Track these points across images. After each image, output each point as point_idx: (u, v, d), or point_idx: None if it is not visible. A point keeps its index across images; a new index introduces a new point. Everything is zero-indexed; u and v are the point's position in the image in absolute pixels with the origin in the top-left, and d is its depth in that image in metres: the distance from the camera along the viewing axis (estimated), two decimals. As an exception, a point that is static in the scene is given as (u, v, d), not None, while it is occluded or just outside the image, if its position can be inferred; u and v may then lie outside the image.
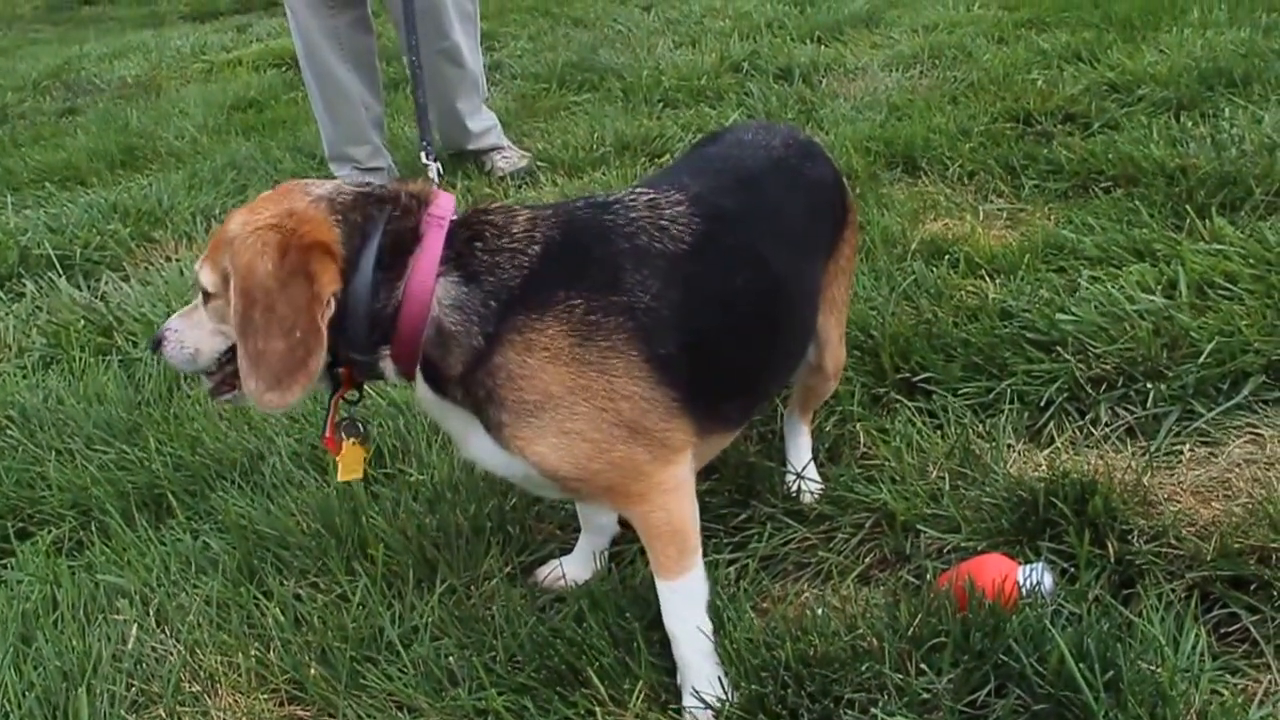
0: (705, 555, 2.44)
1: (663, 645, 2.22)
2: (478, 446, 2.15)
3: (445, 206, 2.12)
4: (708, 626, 2.21)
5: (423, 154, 2.90)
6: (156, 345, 2.23)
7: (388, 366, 2.12)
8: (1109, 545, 2.37)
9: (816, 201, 2.49)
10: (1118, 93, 5.31)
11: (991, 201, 4.33)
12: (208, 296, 2.13)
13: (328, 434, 2.22)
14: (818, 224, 2.49)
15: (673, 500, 2.16)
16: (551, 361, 2.03)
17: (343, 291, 2.03)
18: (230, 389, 2.22)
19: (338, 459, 2.25)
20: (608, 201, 2.23)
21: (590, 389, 2.04)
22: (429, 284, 2.04)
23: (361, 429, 2.26)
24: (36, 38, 12.52)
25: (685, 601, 2.20)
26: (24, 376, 3.84)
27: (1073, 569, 2.35)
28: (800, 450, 2.81)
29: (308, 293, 1.98)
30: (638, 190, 2.28)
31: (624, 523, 2.54)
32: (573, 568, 2.61)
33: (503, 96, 6.90)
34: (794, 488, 2.74)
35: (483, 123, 5.62)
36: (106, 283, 4.58)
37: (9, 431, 3.44)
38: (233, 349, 2.12)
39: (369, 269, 2.04)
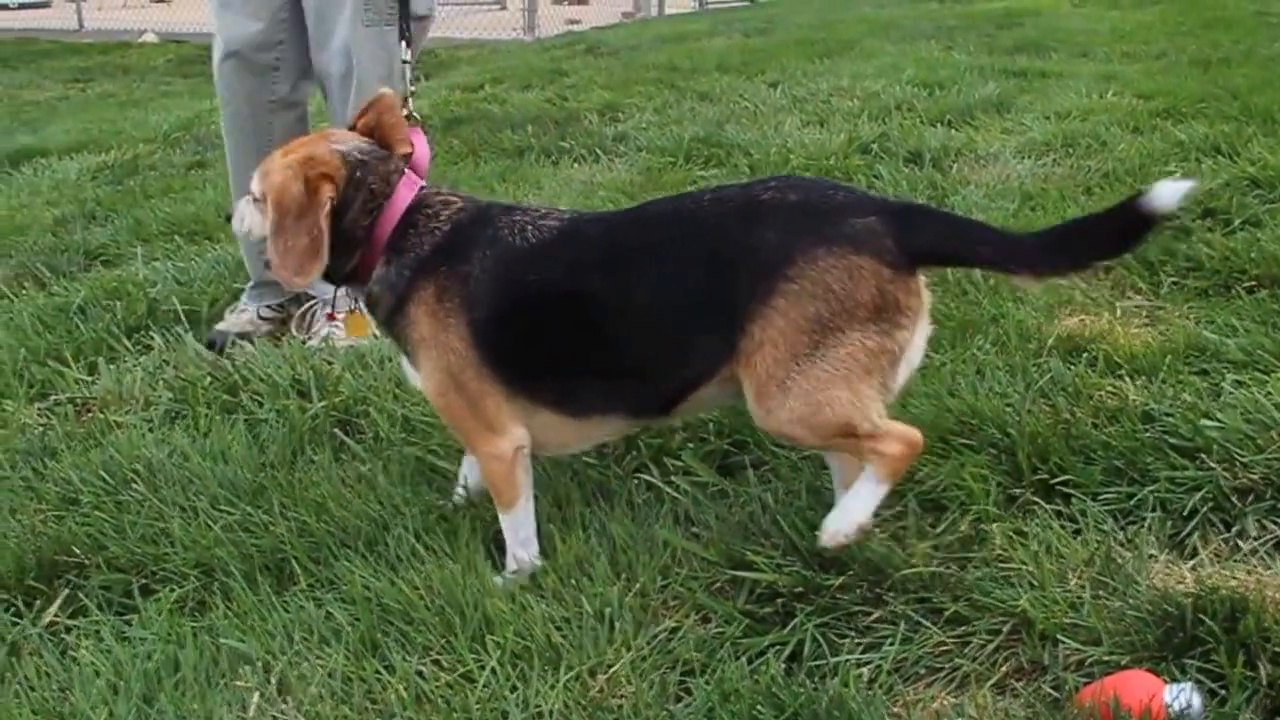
0: (835, 655, 2.47)
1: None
2: (405, 366, 2.94)
3: (402, 198, 2.87)
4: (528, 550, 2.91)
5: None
6: (229, 218, 3.17)
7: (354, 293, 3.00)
8: (1260, 667, 2.28)
9: (719, 257, 2.63)
10: (1259, 188, 5.20)
11: (1129, 298, 4.26)
12: (256, 200, 2.94)
13: (330, 312, 3.31)
14: (708, 276, 2.65)
15: (497, 469, 2.83)
16: (426, 313, 2.75)
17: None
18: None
19: (342, 323, 3.28)
20: (516, 206, 2.90)
21: (439, 339, 2.74)
22: (373, 265, 2.85)
23: (355, 304, 3.15)
24: (168, 90, 12.77)
25: (509, 527, 2.90)
26: (150, 430, 3.86)
27: (1223, 690, 2.26)
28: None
29: (318, 203, 2.77)
30: (555, 208, 2.91)
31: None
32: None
33: (628, 169, 6.91)
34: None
35: None
36: (233, 341, 4.61)
37: (134, 486, 3.44)
38: None
39: (340, 235, 2.83)
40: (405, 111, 3.33)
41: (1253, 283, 4.19)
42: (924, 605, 2.63)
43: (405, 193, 2.87)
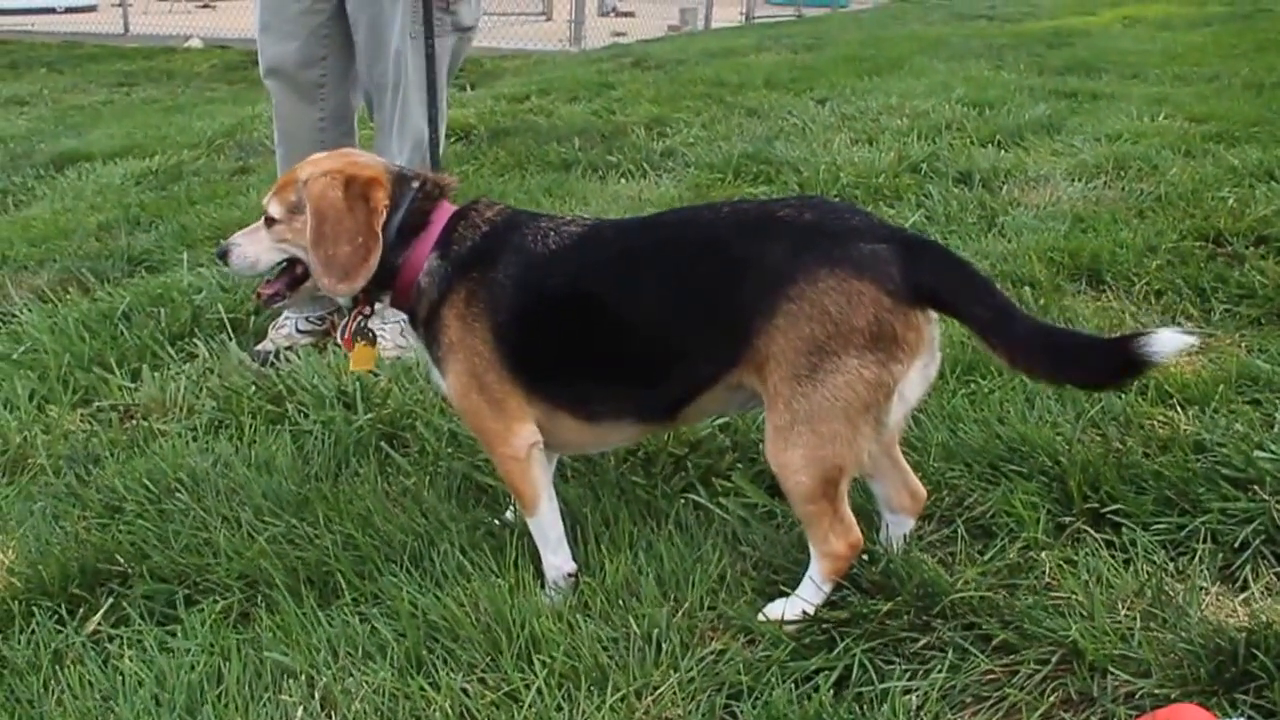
0: (884, 681, 2.45)
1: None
2: (433, 373, 2.95)
3: (449, 206, 2.94)
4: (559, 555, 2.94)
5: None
6: (224, 255, 3.08)
7: (385, 301, 2.99)
8: (1315, 705, 2.25)
9: (727, 266, 2.65)
10: (1314, 217, 5.15)
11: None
12: (271, 222, 2.97)
13: (346, 336, 3.10)
14: (715, 284, 2.66)
15: (514, 468, 2.86)
16: (455, 317, 2.80)
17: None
18: (281, 297, 3.10)
19: (350, 354, 3.14)
20: (543, 214, 2.94)
21: (465, 342, 2.79)
22: (424, 258, 2.87)
23: (371, 334, 3.12)
24: (212, 96, 12.77)
25: (538, 532, 2.93)
26: (194, 439, 3.86)
27: (1276, 728, 2.23)
28: None
29: (367, 210, 2.81)
30: (578, 217, 2.95)
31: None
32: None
33: (675, 184, 6.88)
34: None
35: None
36: (273, 360, 4.59)
37: (178, 495, 3.44)
38: (285, 261, 3.03)
39: (391, 232, 2.86)
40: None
41: (1306, 311, 4.14)
42: (972, 632, 2.61)
43: (439, 222, 2.92)
